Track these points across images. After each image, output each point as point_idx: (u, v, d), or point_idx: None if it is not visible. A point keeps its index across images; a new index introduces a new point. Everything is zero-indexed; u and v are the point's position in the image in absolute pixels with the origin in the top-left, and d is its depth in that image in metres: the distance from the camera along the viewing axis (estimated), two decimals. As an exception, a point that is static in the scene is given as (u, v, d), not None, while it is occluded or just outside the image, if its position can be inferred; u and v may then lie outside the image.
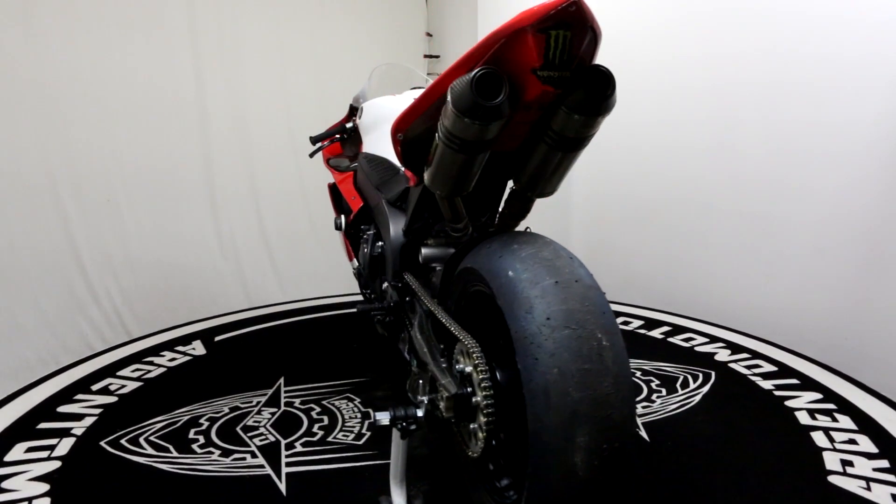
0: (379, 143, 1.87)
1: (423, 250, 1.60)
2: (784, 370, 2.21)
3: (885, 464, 1.59)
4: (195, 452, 1.67)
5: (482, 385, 1.09)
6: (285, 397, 2.04)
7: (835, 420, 1.83)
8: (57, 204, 2.74)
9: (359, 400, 2.02)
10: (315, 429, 1.82)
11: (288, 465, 1.61)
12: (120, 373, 2.23)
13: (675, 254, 2.93)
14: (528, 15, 0.94)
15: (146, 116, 3.00)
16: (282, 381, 2.17)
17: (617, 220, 3.19)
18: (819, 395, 2.00)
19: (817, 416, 1.86)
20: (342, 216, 2.04)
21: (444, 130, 1.09)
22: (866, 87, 2.16)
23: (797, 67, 2.36)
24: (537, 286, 1.01)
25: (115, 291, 2.93)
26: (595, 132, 1.13)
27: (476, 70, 0.99)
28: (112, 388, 2.10)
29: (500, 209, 1.52)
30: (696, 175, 2.79)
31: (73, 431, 1.78)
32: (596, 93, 1.04)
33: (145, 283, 3.02)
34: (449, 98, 1.03)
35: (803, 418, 1.85)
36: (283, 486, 1.51)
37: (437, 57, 4.26)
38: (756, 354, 2.37)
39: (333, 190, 2.37)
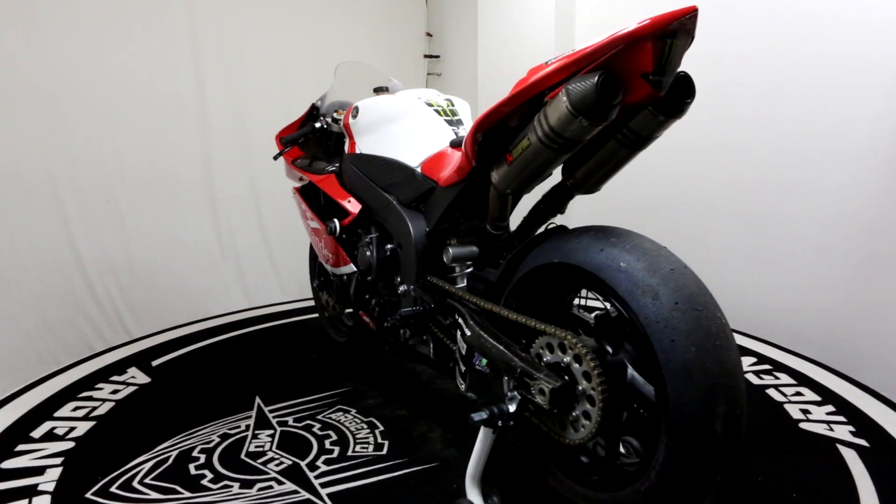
0: (381, 143, 1.81)
1: (451, 250, 1.61)
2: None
3: (831, 408, 1.92)
4: (210, 489, 1.50)
5: (595, 373, 1.13)
6: (274, 417, 1.90)
7: (776, 378, 2.16)
8: (57, 204, 2.71)
9: (354, 411, 1.95)
10: (328, 445, 1.72)
11: (323, 486, 1.52)
12: (58, 414, 1.91)
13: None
14: (652, 23, 1.00)
15: (146, 116, 2.97)
16: (258, 400, 2.01)
17: (616, 221, 3.09)
18: (754, 359, 2.33)
19: (762, 376, 2.18)
20: (335, 220, 1.93)
21: (547, 129, 1.13)
22: (866, 86, 2.16)
23: (797, 67, 2.36)
24: (656, 274, 1.08)
25: (115, 291, 2.90)
26: (662, 133, 1.24)
27: (599, 73, 1.04)
28: (59, 431, 1.79)
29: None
30: (696, 175, 2.79)
31: (41, 487, 1.50)
32: (681, 96, 1.14)
33: (145, 283, 2.99)
34: (565, 98, 1.07)
35: (753, 379, 2.15)
36: (332, 508, 1.42)
37: (437, 57, 4.24)
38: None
39: (307, 193, 2.23)
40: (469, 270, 1.64)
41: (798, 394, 2.03)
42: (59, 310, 2.71)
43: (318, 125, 2.10)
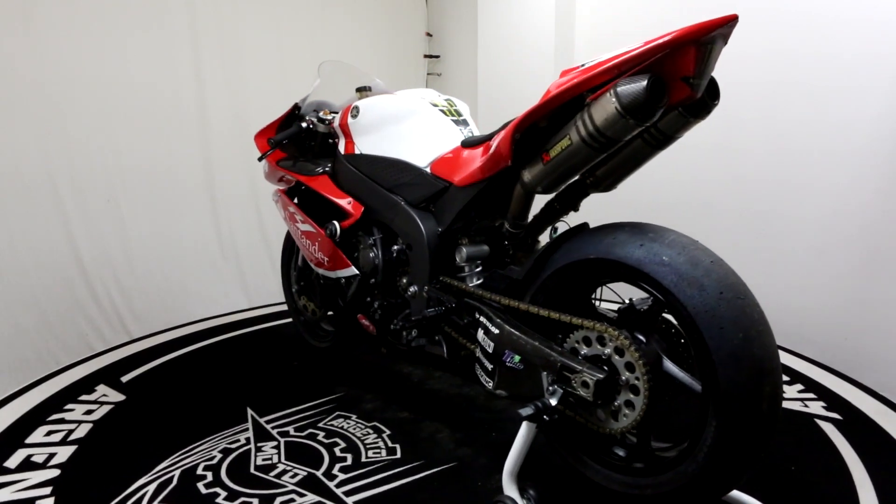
0: (384, 143, 1.79)
1: (465, 250, 1.61)
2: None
3: (801, 387, 2.08)
4: (229, 507, 1.42)
5: (640, 363, 1.18)
6: (273, 428, 1.83)
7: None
8: (57, 204, 2.71)
9: (355, 416, 1.91)
10: (338, 453, 1.68)
11: (347, 494, 1.48)
12: (31, 440, 1.75)
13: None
14: (697, 28, 1.06)
15: (146, 116, 2.96)
16: (250, 411, 1.93)
17: (616, 220, 3.06)
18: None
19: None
20: (335, 222, 1.88)
21: (592, 129, 1.16)
22: (867, 86, 2.16)
23: (798, 67, 2.36)
24: (699, 267, 1.15)
25: (115, 291, 2.89)
26: (685, 133, 1.31)
27: (648, 76, 1.08)
28: (37, 459, 1.64)
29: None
30: (696, 175, 2.79)
31: (37, 521, 1.36)
32: (708, 97, 1.21)
33: (145, 283, 2.99)
34: (615, 99, 1.11)
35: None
36: (361, 516, 1.39)
37: (437, 57, 4.24)
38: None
39: (293, 195, 2.15)
40: (479, 269, 1.65)
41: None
42: (59, 310, 2.70)
43: (304, 125, 2.04)
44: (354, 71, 2.23)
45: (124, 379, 2.22)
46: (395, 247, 1.78)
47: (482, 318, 1.49)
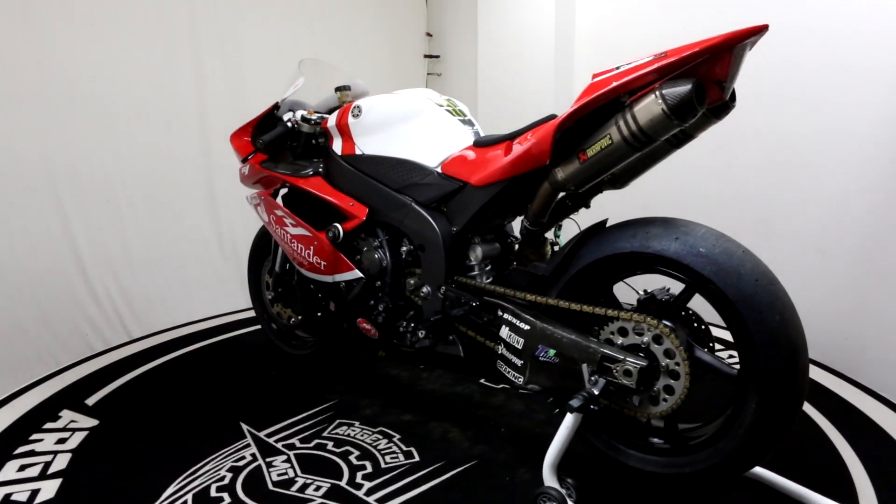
0: (390, 143, 1.75)
1: (479, 249, 1.63)
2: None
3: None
4: (255, 527, 1.36)
5: (680, 349, 1.25)
6: (276, 441, 1.75)
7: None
8: (57, 204, 2.71)
9: (358, 423, 1.87)
10: (355, 461, 1.64)
11: (380, 501, 1.45)
12: (2, 478, 1.57)
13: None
14: (734, 35, 1.14)
15: (146, 116, 2.96)
16: (245, 426, 1.84)
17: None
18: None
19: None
20: (337, 225, 1.81)
21: (635, 129, 1.22)
22: (867, 91, 2.16)
23: (797, 72, 2.36)
24: (734, 257, 1.24)
25: (115, 291, 2.90)
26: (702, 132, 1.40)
27: (692, 80, 1.15)
28: (21, 497, 1.48)
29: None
30: (696, 177, 2.77)
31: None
32: (728, 100, 1.31)
33: (145, 283, 3.00)
34: (661, 101, 1.16)
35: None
36: (397, 521, 1.38)
37: (437, 57, 4.23)
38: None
39: (281, 197, 2.05)
40: (488, 268, 1.67)
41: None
42: (59, 310, 2.70)
43: (290, 125, 1.96)
44: (334, 69, 2.17)
45: (89, 402, 2.03)
46: (404, 248, 1.76)
47: (507, 316, 1.51)
